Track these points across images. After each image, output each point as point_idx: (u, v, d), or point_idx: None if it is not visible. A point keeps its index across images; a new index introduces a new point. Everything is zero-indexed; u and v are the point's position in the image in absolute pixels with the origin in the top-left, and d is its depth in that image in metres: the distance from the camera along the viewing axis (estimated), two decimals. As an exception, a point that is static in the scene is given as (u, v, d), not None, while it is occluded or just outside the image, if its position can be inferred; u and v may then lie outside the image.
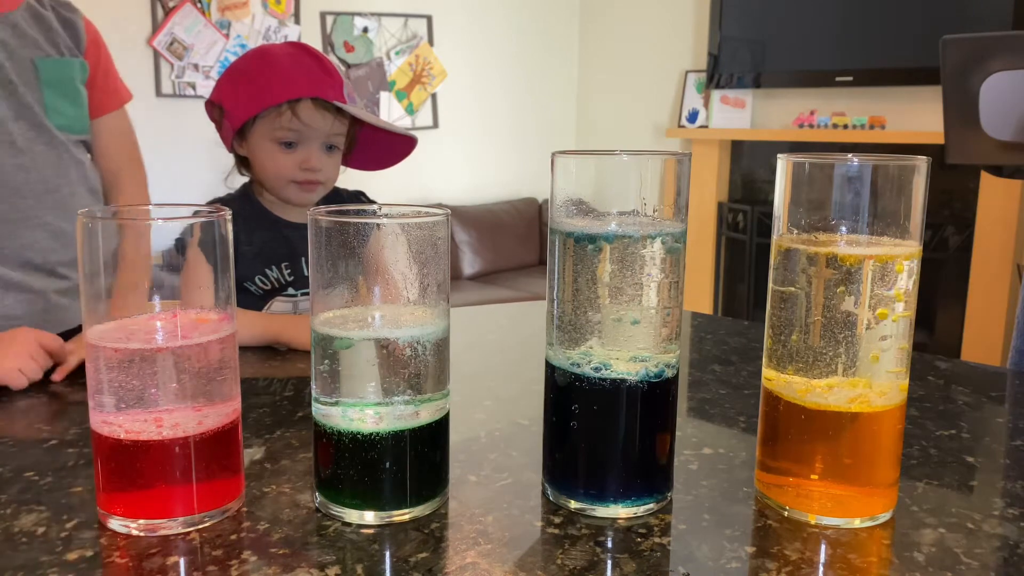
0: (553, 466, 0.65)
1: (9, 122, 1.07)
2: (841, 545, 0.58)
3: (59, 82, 1.12)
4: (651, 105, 4.51)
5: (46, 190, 1.10)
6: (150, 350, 0.57)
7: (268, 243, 1.21)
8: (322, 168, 1.19)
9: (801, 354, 0.61)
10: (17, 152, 1.07)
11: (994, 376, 1.10)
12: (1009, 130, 1.09)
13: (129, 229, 0.59)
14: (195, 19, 3.58)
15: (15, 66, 1.08)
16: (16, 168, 1.07)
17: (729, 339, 1.18)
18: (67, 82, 1.13)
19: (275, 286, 1.22)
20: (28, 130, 1.08)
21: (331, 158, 1.21)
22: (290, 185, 1.19)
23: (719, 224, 4.24)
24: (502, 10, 4.51)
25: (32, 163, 1.09)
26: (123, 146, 1.23)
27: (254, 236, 1.21)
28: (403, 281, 0.59)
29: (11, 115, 1.07)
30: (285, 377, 0.97)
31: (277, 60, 1.18)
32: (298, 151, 1.18)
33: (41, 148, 1.10)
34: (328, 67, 1.19)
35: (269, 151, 1.18)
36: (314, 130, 1.17)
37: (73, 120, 1.14)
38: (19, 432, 0.78)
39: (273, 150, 1.18)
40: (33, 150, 1.09)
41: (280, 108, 1.15)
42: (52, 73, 1.11)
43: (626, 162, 0.60)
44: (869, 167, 0.59)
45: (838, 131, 3.74)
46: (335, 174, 1.24)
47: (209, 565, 0.55)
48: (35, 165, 1.09)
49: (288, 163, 1.18)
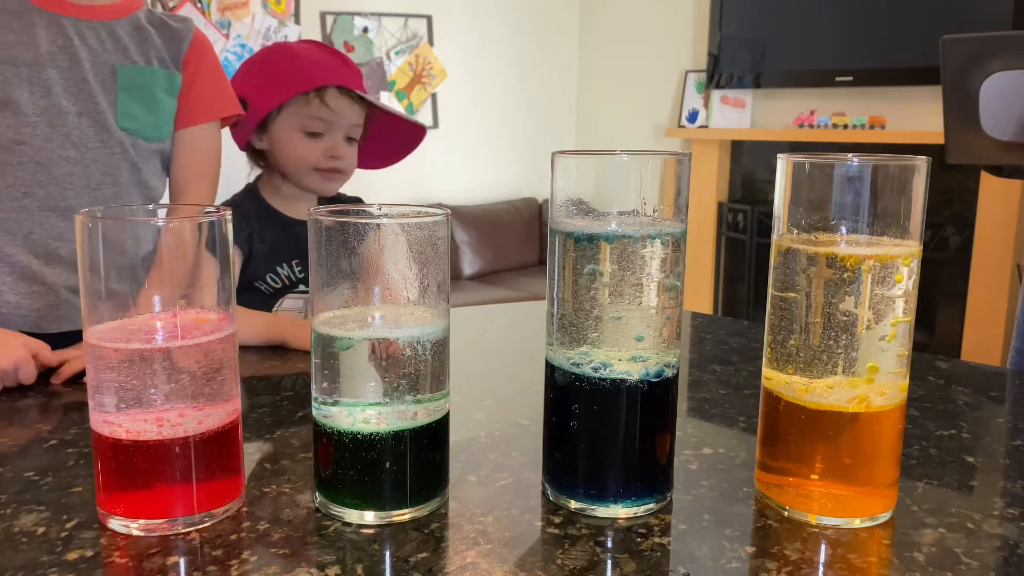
0: (553, 466, 0.65)
1: (72, 116, 1.12)
2: (841, 545, 0.58)
3: (137, 88, 1.16)
4: (651, 105, 4.51)
5: (88, 185, 1.14)
6: (150, 350, 0.57)
7: (278, 242, 1.23)
8: (345, 157, 1.21)
9: (801, 354, 0.61)
10: (70, 145, 1.11)
11: (994, 376, 1.10)
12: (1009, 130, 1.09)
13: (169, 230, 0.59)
14: (195, 19, 3.58)
15: (95, 68, 1.13)
16: (63, 159, 1.11)
17: (729, 339, 1.18)
18: (146, 89, 1.17)
19: (285, 284, 1.23)
20: (88, 127, 1.13)
21: (352, 149, 1.23)
22: (312, 173, 1.22)
23: (719, 224, 4.24)
24: (502, 10, 4.51)
25: (81, 157, 1.12)
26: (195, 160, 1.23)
27: (264, 235, 1.22)
28: (403, 281, 0.59)
29: (75, 110, 1.12)
30: (285, 377, 0.97)
31: (299, 53, 1.23)
32: (323, 140, 1.21)
33: (96, 145, 1.13)
34: (347, 60, 1.24)
35: (294, 141, 1.21)
36: (341, 117, 1.20)
37: (145, 127, 1.17)
38: (19, 432, 0.78)
39: (298, 139, 1.21)
40: (86, 145, 1.13)
41: (308, 96, 1.18)
42: (130, 79, 1.15)
43: (626, 162, 0.60)
44: (869, 167, 0.59)
45: (838, 131, 3.74)
46: (354, 164, 1.26)
47: (209, 565, 0.55)
48: (83, 159, 1.13)
49: (314, 151, 1.21)
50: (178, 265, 0.58)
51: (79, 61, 1.12)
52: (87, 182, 1.13)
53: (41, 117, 1.09)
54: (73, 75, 1.11)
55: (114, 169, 1.15)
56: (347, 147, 1.23)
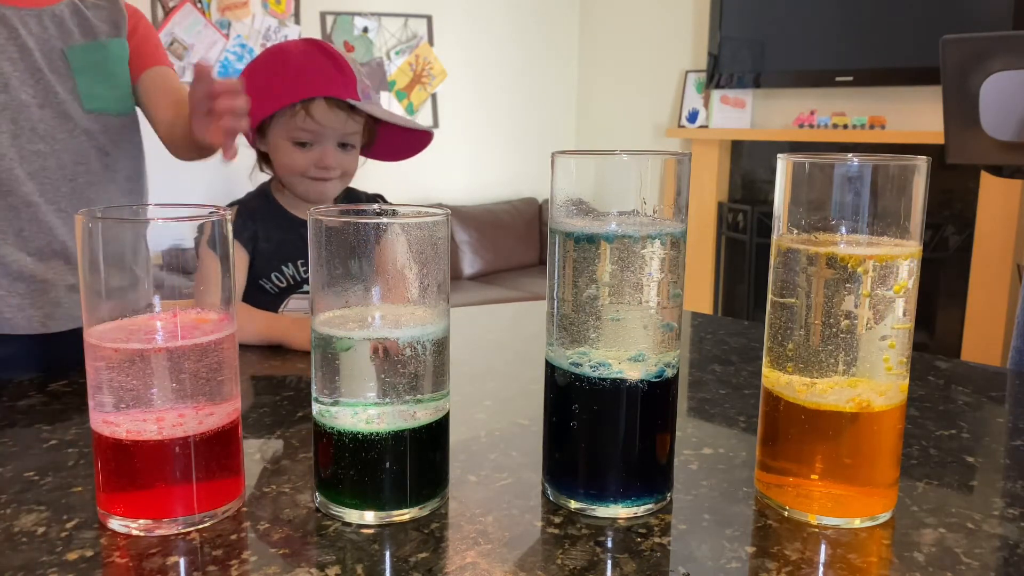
0: (553, 466, 0.65)
1: (34, 108, 1.11)
2: (841, 545, 0.58)
3: (92, 66, 1.15)
4: (651, 105, 4.51)
5: (64, 176, 1.14)
6: (150, 350, 0.57)
7: (284, 241, 1.23)
8: (336, 166, 1.21)
9: (801, 354, 0.61)
10: (38, 138, 1.11)
11: (994, 376, 1.10)
12: (1009, 130, 1.09)
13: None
14: (195, 19, 3.58)
15: (45, 56, 1.12)
16: (35, 154, 1.11)
17: (729, 339, 1.18)
18: (100, 64, 1.16)
19: (290, 284, 1.23)
20: (52, 118, 1.12)
21: (347, 155, 1.23)
22: (303, 180, 1.21)
23: (719, 224, 4.24)
24: (502, 10, 4.51)
25: (51, 150, 1.12)
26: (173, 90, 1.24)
27: (270, 234, 1.23)
28: (403, 281, 0.59)
29: (36, 102, 1.11)
30: (285, 377, 0.97)
31: (291, 59, 1.20)
32: (313, 150, 1.19)
33: (63, 136, 1.13)
34: (341, 64, 1.20)
35: (285, 149, 1.20)
36: (328, 129, 1.18)
37: (112, 101, 1.17)
38: (19, 432, 0.78)
39: (289, 148, 1.20)
40: (54, 137, 1.12)
41: (294, 108, 1.16)
42: (82, 59, 1.14)
43: (626, 162, 0.60)
44: (869, 167, 0.59)
45: (838, 131, 3.74)
46: (352, 168, 1.25)
47: (209, 565, 0.55)
48: (54, 152, 1.12)
49: (302, 161, 1.20)
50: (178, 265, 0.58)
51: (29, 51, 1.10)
52: (62, 173, 1.13)
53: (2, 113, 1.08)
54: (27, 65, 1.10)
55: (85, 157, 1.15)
56: (340, 154, 1.21)
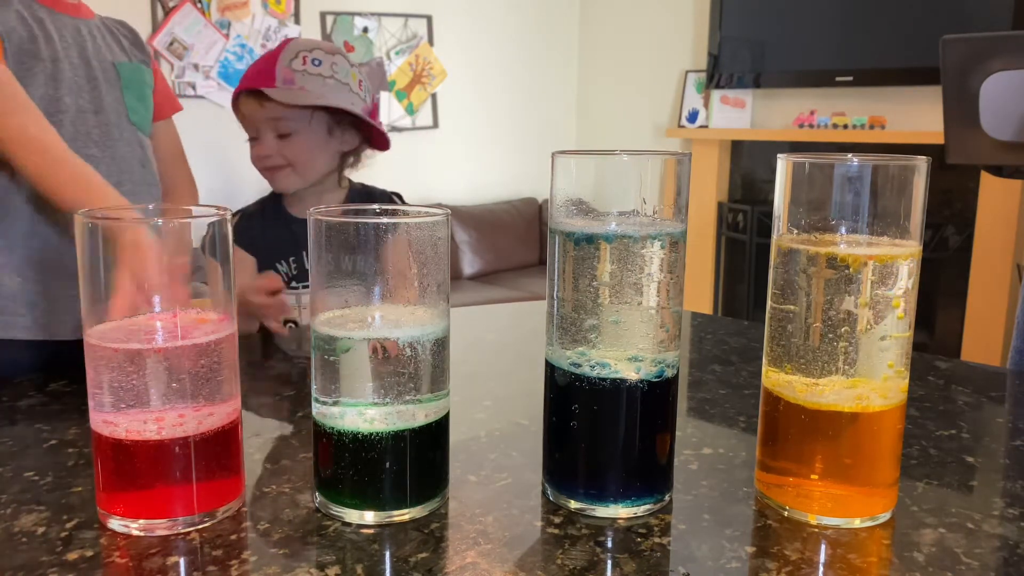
0: (553, 466, 0.65)
1: (90, 115, 1.13)
2: (841, 545, 0.58)
3: (135, 84, 1.21)
4: (651, 105, 4.51)
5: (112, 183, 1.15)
6: (150, 350, 0.57)
7: (277, 239, 1.28)
8: (272, 154, 1.25)
9: (801, 354, 0.61)
10: (92, 143, 1.13)
11: (994, 376, 1.10)
12: (1009, 130, 1.09)
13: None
14: (195, 19, 3.58)
15: (100, 65, 1.16)
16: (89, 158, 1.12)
17: (729, 339, 1.18)
18: (139, 84, 1.22)
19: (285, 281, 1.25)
20: (104, 124, 1.15)
21: (287, 144, 1.26)
22: (262, 173, 1.29)
23: (719, 224, 4.24)
24: (502, 10, 4.51)
25: (102, 155, 1.14)
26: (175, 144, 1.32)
27: (267, 232, 1.28)
28: (403, 281, 0.59)
29: (92, 108, 1.14)
30: (285, 377, 0.97)
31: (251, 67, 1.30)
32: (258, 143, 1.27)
33: (111, 144, 1.16)
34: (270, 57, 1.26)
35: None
36: (253, 119, 1.26)
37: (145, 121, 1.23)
38: (19, 432, 0.78)
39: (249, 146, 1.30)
40: (105, 144, 1.15)
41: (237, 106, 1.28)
42: (130, 76, 1.20)
43: (626, 162, 0.60)
44: (869, 167, 0.59)
45: (838, 131, 3.73)
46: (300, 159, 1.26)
47: (209, 565, 0.55)
48: (103, 159, 1.15)
49: (251, 155, 1.29)
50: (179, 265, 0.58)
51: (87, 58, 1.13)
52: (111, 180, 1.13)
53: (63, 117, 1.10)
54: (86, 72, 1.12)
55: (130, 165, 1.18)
56: (279, 144, 1.27)
